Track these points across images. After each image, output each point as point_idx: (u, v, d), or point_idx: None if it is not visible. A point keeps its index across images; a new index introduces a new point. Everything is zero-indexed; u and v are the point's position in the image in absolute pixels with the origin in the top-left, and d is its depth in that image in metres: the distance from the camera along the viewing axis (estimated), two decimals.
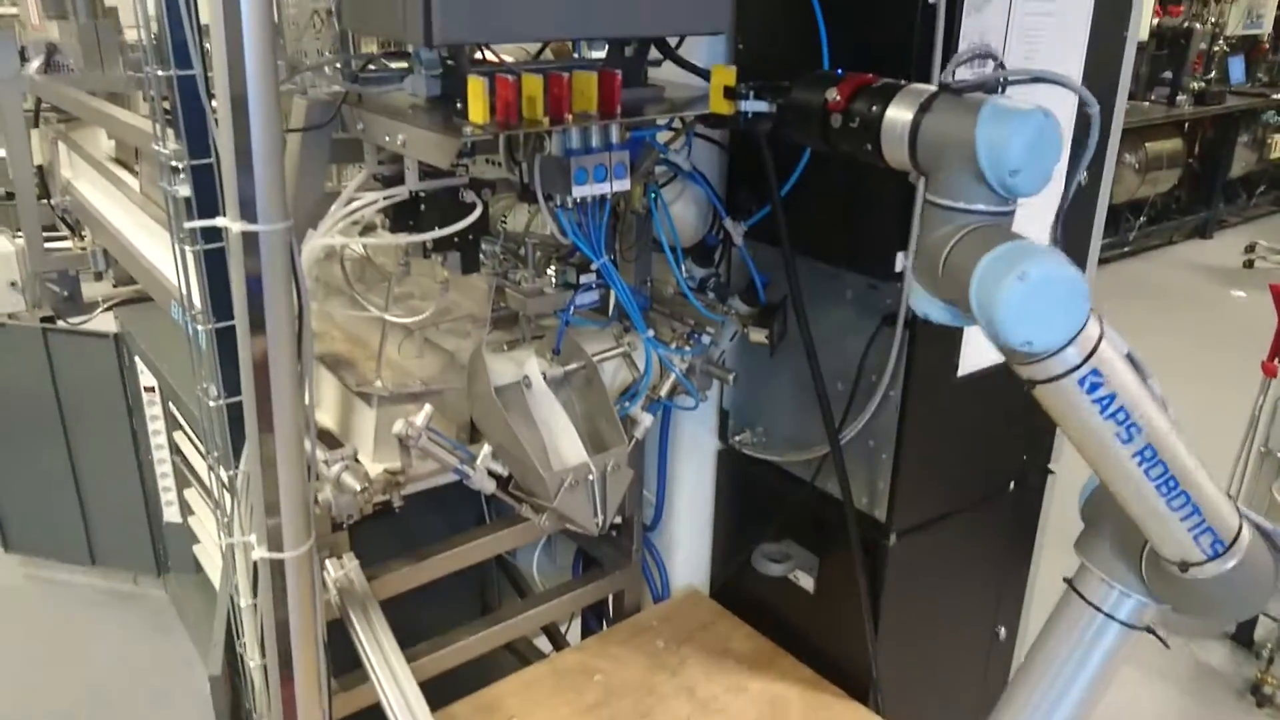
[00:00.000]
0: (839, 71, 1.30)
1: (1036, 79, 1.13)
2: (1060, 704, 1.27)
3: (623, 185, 1.36)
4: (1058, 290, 1.02)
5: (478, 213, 1.45)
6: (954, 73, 1.15)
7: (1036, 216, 1.70)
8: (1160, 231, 7.13)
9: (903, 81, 1.22)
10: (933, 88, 1.17)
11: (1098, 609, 1.26)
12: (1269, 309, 3.03)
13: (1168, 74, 6.88)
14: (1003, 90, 1.14)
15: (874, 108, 1.20)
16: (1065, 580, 1.32)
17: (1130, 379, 1.09)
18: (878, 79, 1.25)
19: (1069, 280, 1.02)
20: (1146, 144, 6.53)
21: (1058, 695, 1.27)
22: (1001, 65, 1.16)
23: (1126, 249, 6.82)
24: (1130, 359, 1.10)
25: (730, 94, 1.37)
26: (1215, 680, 3.08)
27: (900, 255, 1.55)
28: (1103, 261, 1.94)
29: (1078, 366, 1.06)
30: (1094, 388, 1.07)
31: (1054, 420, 1.14)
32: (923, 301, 1.18)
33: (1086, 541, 1.30)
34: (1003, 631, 2.06)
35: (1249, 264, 6.80)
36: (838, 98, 1.25)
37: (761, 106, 1.36)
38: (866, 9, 1.48)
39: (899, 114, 1.18)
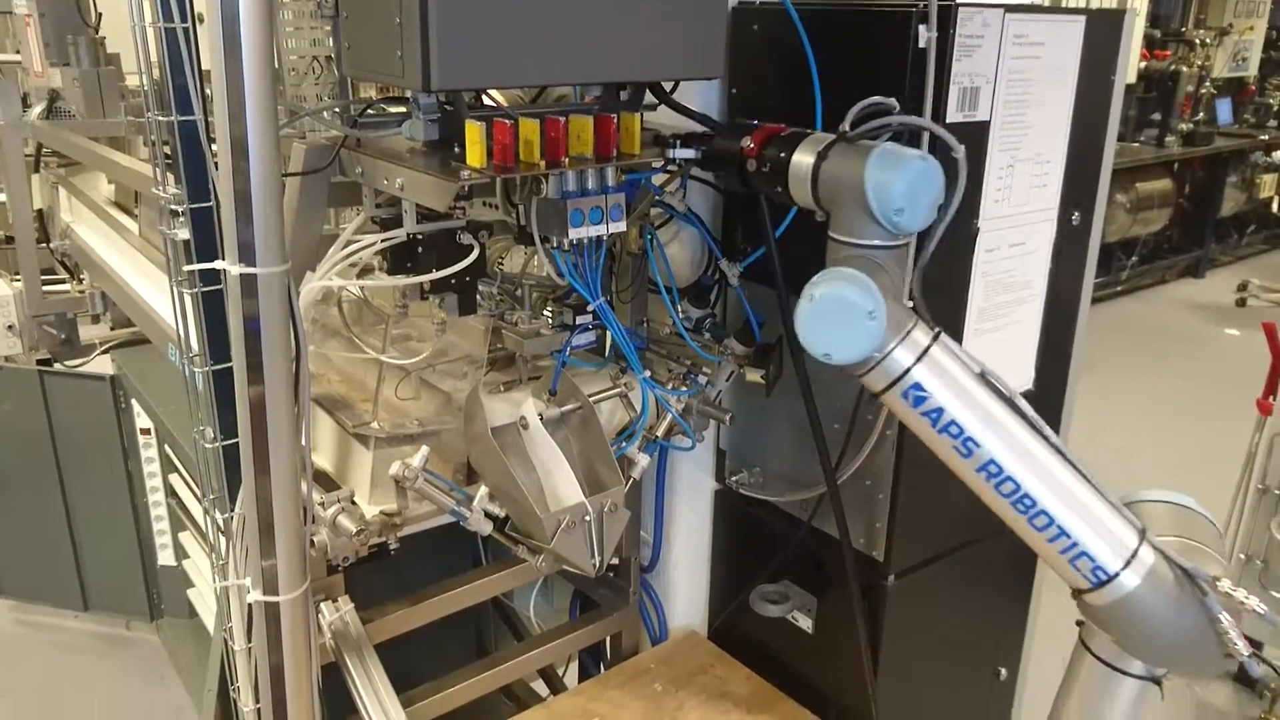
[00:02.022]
0: (755, 122, 1.42)
1: (919, 127, 1.33)
2: None
3: (619, 227, 1.38)
4: (838, 310, 1.17)
5: (475, 254, 1.46)
6: (850, 122, 1.27)
7: (1032, 254, 1.72)
8: (1152, 270, 7.18)
9: (808, 130, 1.35)
10: (832, 136, 1.29)
11: (1109, 665, 1.26)
12: (1263, 347, 3.04)
13: (1156, 115, 6.97)
14: (893, 136, 1.27)
15: (782, 154, 1.33)
16: (1078, 624, 1.31)
17: (970, 395, 1.19)
18: (786, 128, 1.38)
19: (848, 302, 1.16)
20: (1137, 184, 6.61)
21: None
22: (897, 113, 1.29)
23: (1119, 288, 6.86)
24: (984, 377, 1.20)
25: (660, 142, 1.48)
26: None
27: None
28: (1096, 300, 1.95)
29: (898, 379, 1.20)
30: (919, 401, 1.20)
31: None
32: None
33: None
34: (1003, 672, 2.04)
35: (1241, 302, 6.85)
36: (751, 145, 1.38)
37: (689, 154, 1.47)
38: (859, 54, 1.50)
39: (802, 159, 1.30)
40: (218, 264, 1.10)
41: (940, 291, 1.59)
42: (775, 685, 1.92)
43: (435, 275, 1.44)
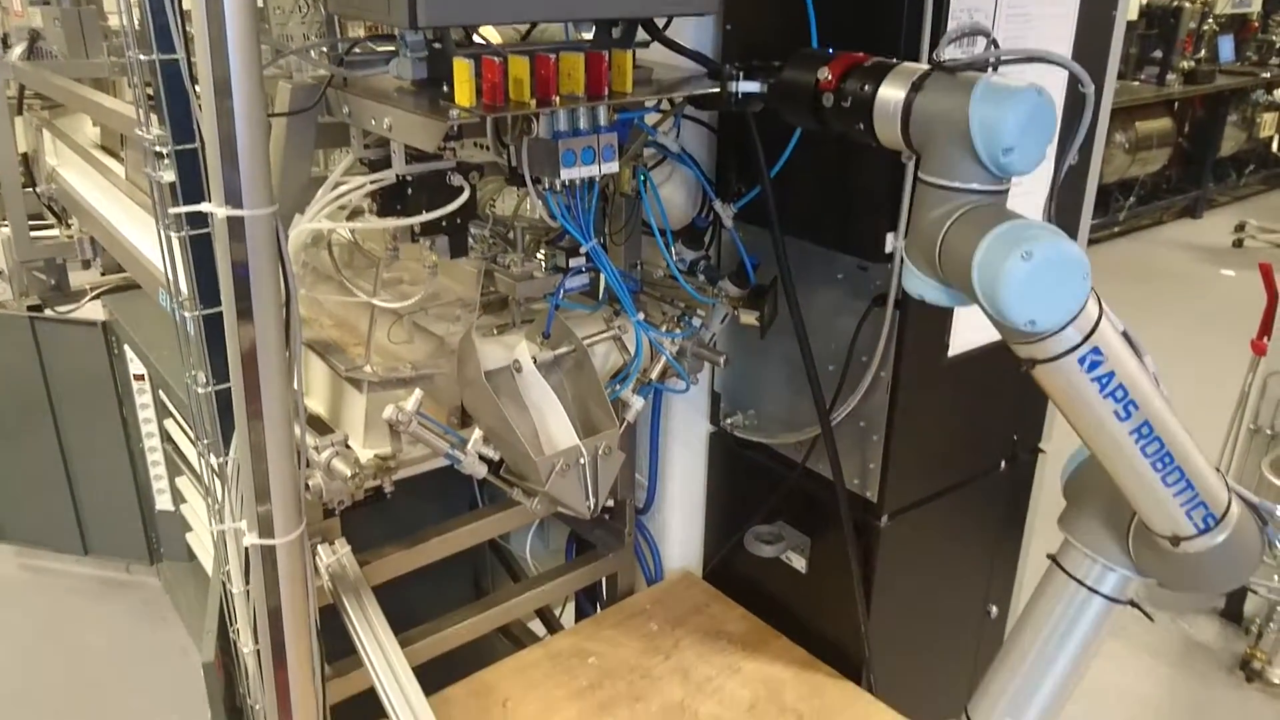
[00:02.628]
0: (830, 50, 1.29)
1: (1031, 58, 1.12)
2: (1045, 678, 1.28)
3: (611, 168, 1.36)
4: (1061, 269, 1.02)
5: (465, 196, 1.44)
6: (944, 51, 1.14)
7: (1028, 194, 1.71)
8: (1150, 211, 7.14)
9: (894, 60, 1.21)
10: (925, 66, 1.16)
11: (1080, 583, 1.27)
12: (1258, 288, 3.04)
13: (1157, 53, 6.87)
14: (995, 69, 1.13)
15: (866, 87, 1.19)
16: (1049, 556, 1.32)
17: (1127, 357, 1.09)
18: (869, 58, 1.24)
19: (1072, 259, 1.02)
20: (1136, 123, 6.54)
21: (1043, 670, 1.28)
22: (994, 43, 1.15)
23: (1116, 229, 6.83)
24: (1126, 337, 1.10)
25: (716, 75, 1.36)
26: (1205, 655, 3.11)
27: (890, 236, 1.55)
28: (1092, 242, 1.94)
29: (1078, 345, 1.06)
30: (1094, 366, 1.07)
31: (1051, 398, 1.14)
32: (916, 282, 1.18)
33: (1070, 518, 1.31)
34: (994, 610, 2.07)
35: (1238, 243, 6.82)
36: (829, 77, 1.24)
37: (753, 87, 1.36)
38: None
39: (891, 93, 1.17)
40: (204, 206, 1.09)
41: None
42: (769, 624, 1.94)
43: (425, 217, 1.43)
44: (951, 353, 1.69)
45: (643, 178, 1.61)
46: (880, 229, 1.54)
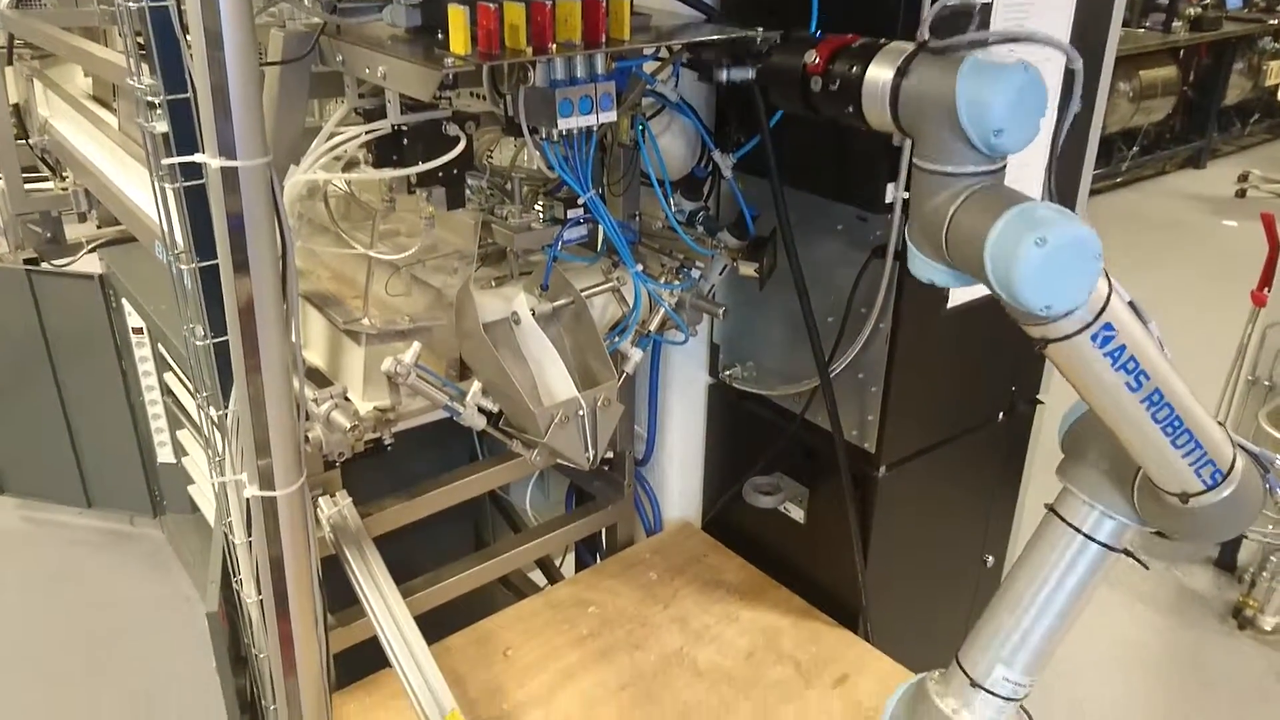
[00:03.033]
0: (818, 33, 1.26)
1: (1015, 39, 1.08)
2: (1037, 626, 1.28)
3: (609, 117, 1.34)
4: (1075, 253, 1.00)
5: (461, 146, 1.43)
6: (925, 30, 1.10)
7: (1024, 165, 1.69)
8: (1153, 161, 7.09)
9: (883, 41, 1.18)
10: (911, 46, 1.14)
11: (1077, 530, 1.27)
12: (1260, 238, 3.02)
13: None
14: (985, 47, 1.09)
15: (854, 69, 1.16)
16: (1047, 506, 1.33)
17: (1136, 328, 1.08)
18: (857, 38, 1.21)
19: (1085, 241, 1.00)
20: (1140, 72, 6.46)
21: (1035, 618, 1.29)
22: (981, 20, 1.12)
23: (1119, 179, 6.78)
24: (1133, 306, 1.09)
25: (698, 66, 1.37)
26: (1198, 603, 3.15)
27: (890, 186, 1.53)
28: (1094, 192, 1.93)
29: (1090, 324, 1.05)
30: (1106, 341, 1.06)
31: (1062, 373, 1.13)
32: (924, 268, 1.16)
33: (1069, 467, 1.32)
34: (990, 560, 2.09)
35: (1241, 193, 6.78)
36: (817, 60, 1.22)
37: (745, 74, 1.36)
38: None
39: (879, 74, 1.14)
40: (197, 157, 1.07)
41: None
42: (767, 574, 1.96)
43: (422, 168, 1.41)
44: (951, 304, 1.68)
45: (641, 127, 1.59)
46: (880, 179, 1.53)
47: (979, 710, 1.18)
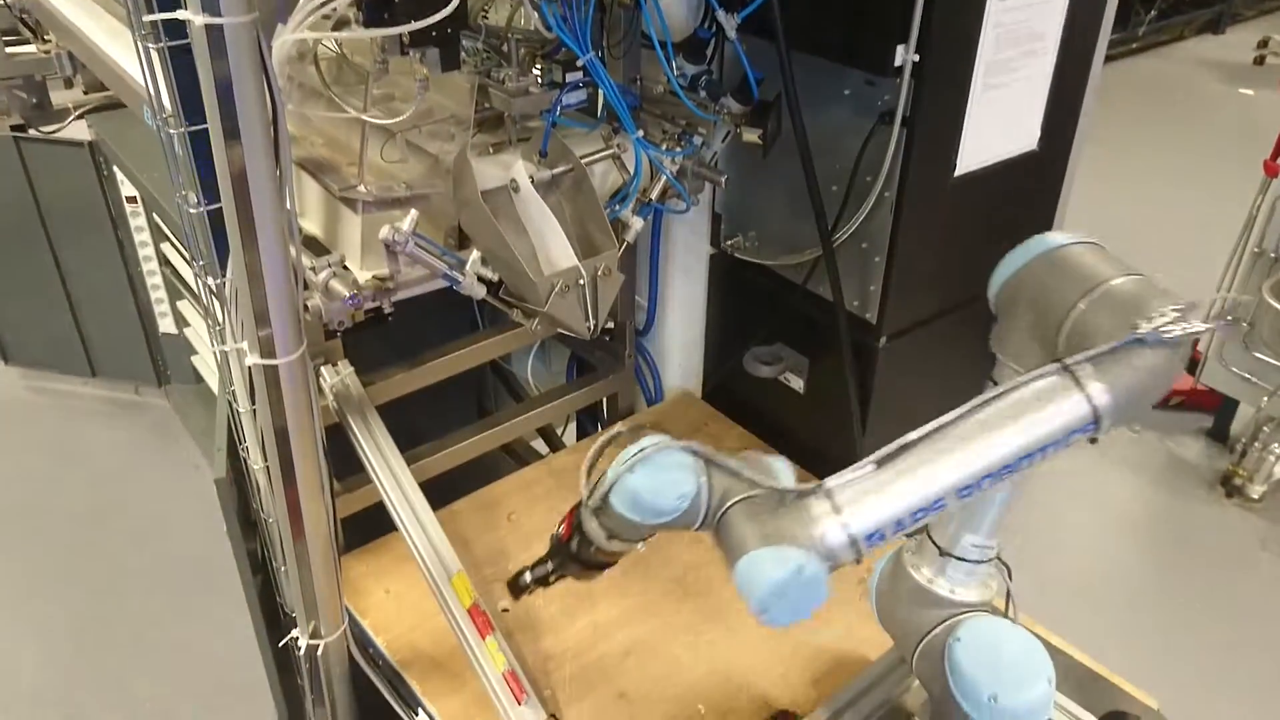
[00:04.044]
0: None
1: None
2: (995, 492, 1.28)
3: None
4: (792, 594, 1.05)
5: (455, 4, 1.37)
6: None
7: (1049, 1, 1.63)
8: (1171, 26, 6.85)
9: None
10: None
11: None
12: (1276, 107, 2.94)
13: None
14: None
15: None
16: (989, 379, 1.32)
17: (903, 480, 1.16)
18: None
19: (782, 584, 1.04)
20: None
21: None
22: None
23: (1135, 45, 6.57)
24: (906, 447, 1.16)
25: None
26: (1187, 472, 3.21)
27: (900, 49, 1.48)
28: (1109, 58, 1.87)
29: (853, 556, 1.10)
30: (880, 539, 1.11)
31: None
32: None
33: (1001, 335, 1.30)
34: None
35: (1260, 60, 6.58)
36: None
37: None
38: None
39: None
40: (180, 14, 1.03)
41: (948, 45, 1.52)
42: (767, 442, 1.99)
43: (413, 26, 1.36)
44: (958, 172, 1.65)
45: None
46: (889, 42, 1.48)
47: (951, 575, 1.23)
